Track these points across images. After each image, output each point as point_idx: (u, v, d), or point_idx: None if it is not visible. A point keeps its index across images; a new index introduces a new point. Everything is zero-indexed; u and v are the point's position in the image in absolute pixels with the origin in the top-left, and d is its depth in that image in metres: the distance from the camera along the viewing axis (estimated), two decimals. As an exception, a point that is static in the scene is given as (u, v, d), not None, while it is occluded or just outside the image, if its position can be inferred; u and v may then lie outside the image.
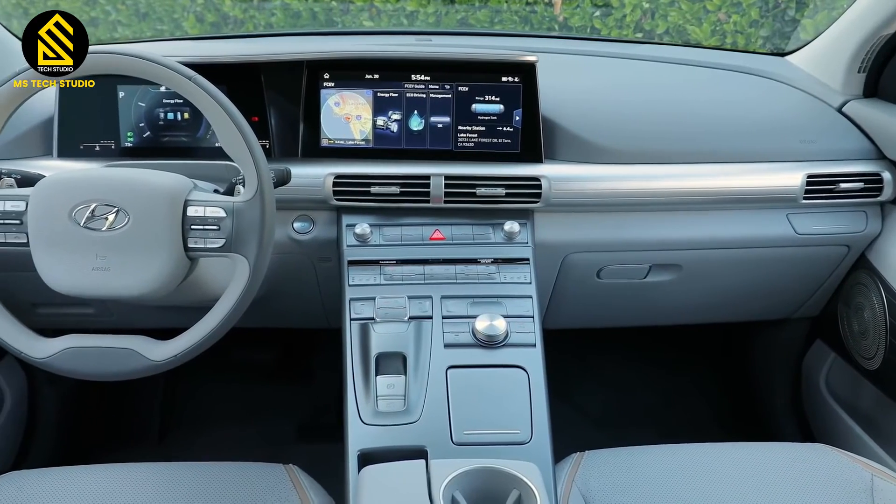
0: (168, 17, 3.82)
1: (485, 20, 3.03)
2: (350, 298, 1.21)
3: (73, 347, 1.00)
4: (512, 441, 1.04)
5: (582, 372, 2.08)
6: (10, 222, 0.98)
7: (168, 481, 1.04)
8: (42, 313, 1.46)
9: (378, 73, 1.31)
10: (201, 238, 0.98)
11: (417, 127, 1.32)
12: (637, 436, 1.74)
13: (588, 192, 1.32)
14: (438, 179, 1.27)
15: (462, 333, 1.16)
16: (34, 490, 1.01)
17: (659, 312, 1.62)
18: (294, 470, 1.09)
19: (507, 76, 1.31)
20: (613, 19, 2.91)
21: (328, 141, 1.32)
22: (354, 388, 1.10)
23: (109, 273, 0.98)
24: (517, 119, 1.31)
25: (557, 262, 1.39)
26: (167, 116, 1.32)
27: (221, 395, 2.04)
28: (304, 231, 1.32)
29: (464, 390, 1.09)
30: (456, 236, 1.30)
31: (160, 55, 0.97)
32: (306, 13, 3.41)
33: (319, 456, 1.36)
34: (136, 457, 1.13)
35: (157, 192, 0.98)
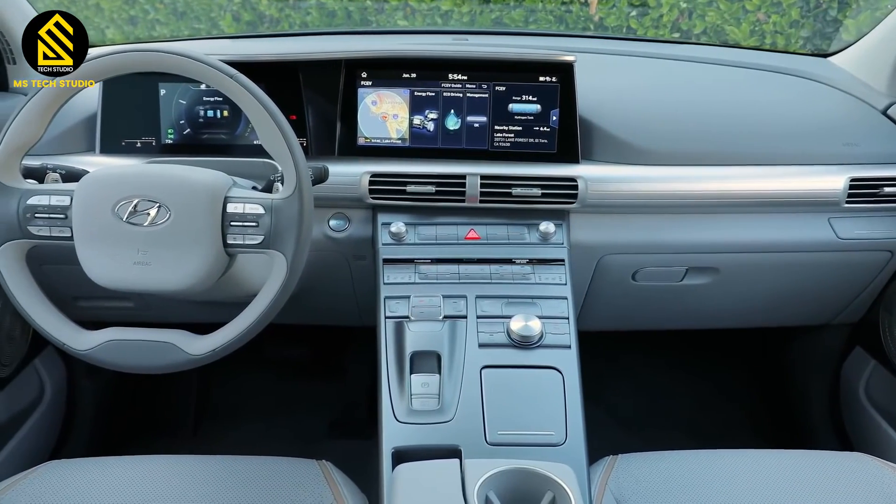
0: (205, 15, 3.87)
1: (519, 20, 3.02)
2: (385, 297, 1.21)
3: (114, 340, 1.01)
4: (546, 442, 1.03)
5: (614, 374, 2.06)
6: (56, 216, 1.00)
7: (202, 474, 1.05)
8: (83, 306, 1.49)
9: (415, 73, 1.31)
10: (240, 234, 0.99)
11: (454, 126, 1.32)
12: (669, 440, 1.72)
13: (625, 194, 1.30)
14: (474, 179, 1.27)
15: (497, 333, 1.15)
16: (73, 479, 1.03)
17: (695, 316, 1.60)
18: (327, 466, 1.09)
19: (544, 76, 1.30)
20: (650, 19, 2.88)
21: (365, 139, 1.33)
22: (389, 385, 1.10)
23: (150, 268, 0.99)
24: (554, 119, 1.31)
25: (592, 264, 1.38)
26: (207, 114, 1.34)
27: (254, 390, 2.06)
28: (340, 229, 1.33)
29: (498, 390, 1.08)
30: (491, 236, 1.29)
31: (202, 54, 0.99)
32: (341, 12, 3.43)
33: (350, 452, 1.37)
34: (170, 449, 1.14)
35: (197, 189, 0.99)
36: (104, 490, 1.01)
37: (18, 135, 1.00)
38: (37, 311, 1.02)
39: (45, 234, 1.00)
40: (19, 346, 1.44)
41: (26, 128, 1.00)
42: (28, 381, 1.57)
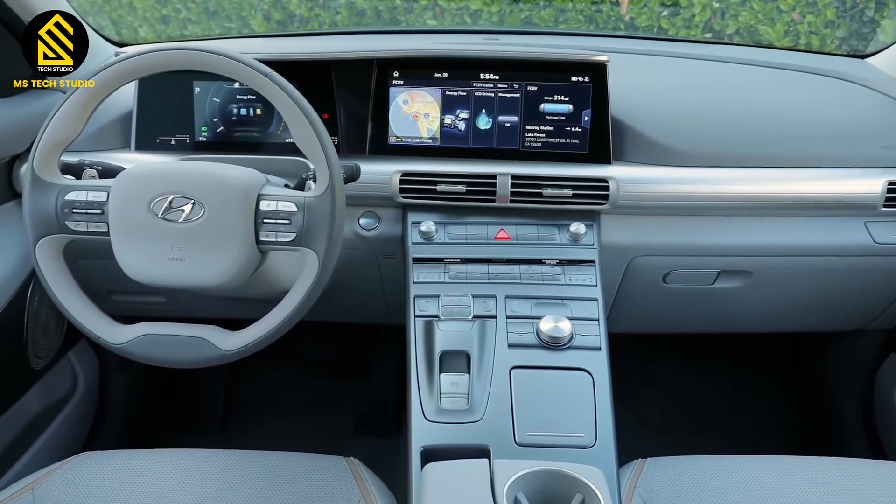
0: (236, 14, 3.91)
1: (549, 19, 3.00)
2: (415, 295, 1.21)
3: (148, 335, 1.03)
4: (575, 444, 1.03)
5: (642, 377, 2.05)
6: (93, 212, 1.01)
7: (232, 468, 1.06)
8: (116, 300, 1.51)
9: (447, 72, 1.31)
10: (273, 231, 1.00)
11: (485, 126, 1.32)
12: (697, 445, 1.70)
13: (657, 195, 1.29)
14: (505, 179, 1.27)
15: (526, 334, 1.15)
16: (106, 470, 1.05)
17: (726, 320, 1.58)
18: (355, 463, 1.10)
19: (577, 76, 1.29)
20: (681, 19, 2.85)
21: (396, 138, 1.33)
22: (418, 384, 1.10)
23: (184, 263, 1.00)
24: (586, 119, 1.30)
25: (623, 266, 1.37)
26: (240, 112, 1.35)
27: (281, 387, 2.07)
28: (370, 227, 1.33)
29: (527, 391, 1.08)
30: (521, 236, 1.29)
31: (238, 52, 0.99)
32: (371, 11, 3.44)
33: (376, 450, 1.38)
34: (199, 443, 1.16)
35: (231, 186, 1.00)
36: (137, 482, 1.02)
37: (57, 131, 1.01)
38: (73, 305, 1.03)
39: (82, 230, 1.02)
40: (54, 338, 1.47)
41: (65, 125, 1.01)
42: (62, 374, 1.60)
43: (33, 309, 1.35)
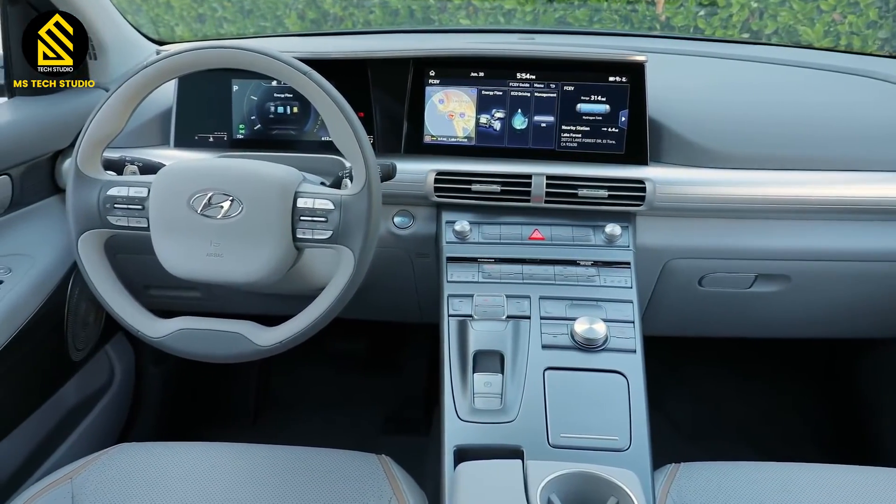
0: (271, 14, 3.94)
1: (584, 19, 2.99)
2: (448, 295, 1.21)
3: (185, 329, 1.04)
4: (610, 447, 1.02)
5: (674, 381, 2.03)
6: (133, 207, 1.03)
7: (265, 462, 1.07)
8: (153, 295, 1.53)
9: (483, 71, 1.31)
10: (309, 229, 1.01)
11: (521, 126, 1.31)
12: (730, 451, 1.68)
13: (694, 197, 1.28)
14: (540, 179, 1.26)
15: (560, 335, 1.14)
16: (143, 462, 1.06)
17: (763, 324, 1.56)
18: (387, 461, 1.10)
19: (614, 76, 1.28)
20: (719, 19, 2.82)
21: (431, 138, 1.33)
22: (452, 383, 1.10)
23: (222, 259, 1.01)
24: (623, 120, 1.29)
25: (658, 268, 1.36)
26: (277, 110, 1.37)
27: (312, 383, 2.09)
28: (404, 226, 1.34)
29: (561, 393, 1.07)
30: (555, 237, 1.28)
31: (277, 51, 1.00)
32: (404, 11, 3.45)
33: (405, 448, 1.38)
34: (231, 436, 1.16)
35: (269, 184, 1.01)
36: (172, 474, 1.04)
37: (101, 128, 1.03)
38: (114, 298, 1.05)
39: (122, 224, 1.03)
40: (93, 331, 1.50)
41: (108, 121, 1.03)
42: (99, 366, 1.63)
43: (73, 302, 1.38)
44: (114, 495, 1.00)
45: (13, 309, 1.21)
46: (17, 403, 1.31)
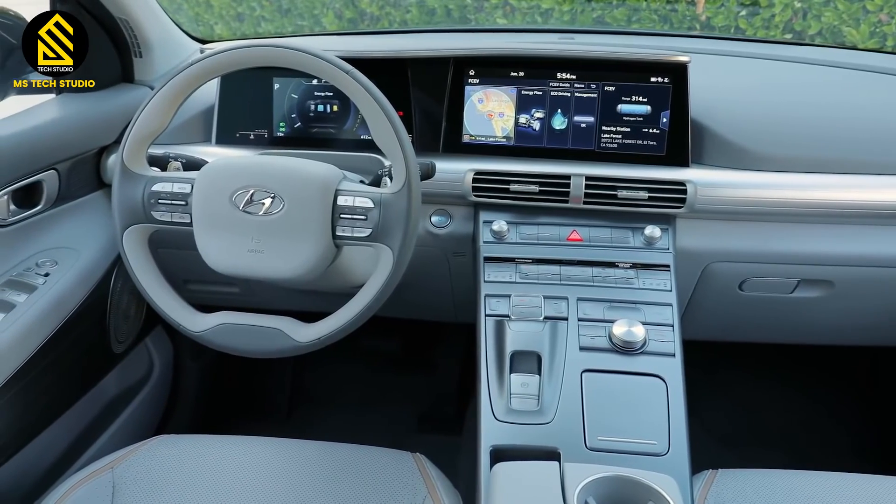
0: (309, 13, 3.97)
1: (622, 18, 2.96)
2: (485, 294, 1.21)
3: (226, 324, 1.05)
4: (648, 452, 1.01)
5: (710, 386, 2.00)
6: (177, 203, 1.04)
7: (302, 457, 1.08)
8: (191, 289, 1.56)
9: (523, 71, 1.30)
10: (349, 227, 1.01)
11: (560, 126, 1.30)
12: (767, 459, 1.65)
13: (736, 200, 1.26)
14: (579, 180, 1.26)
15: (598, 337, 1.13)
16: (182, 454, 1.08)
17: (805, 331, 1.53)
18: (422, 459, 1.10)
19: (656, 76, 1.27)
20: (760, 19, 2.77)
21: (469, 137, 1.33)
22: (488, 383, 1.10)
23: (263, 255, 1.02)
24: (664, 121, 1.27)
25: (698, 271, 1.34)
26: (317, 108, 1.38)
27: (346, 379, 2.10)
28: (442, 225, 1.34)
29: (599, 395, 1.07)
30: (594, 238, 1.27)
31: (320, 50, 1.01)
32: (441, 10, 3.45)
33: (437, 446, 1.38)
34: (265, 431, 1.18)
35: (310, 181, 1.02)
36: (211, 466, 1.05)
37: (146, 125, 1.04)
38: (157, 292, 1.07)
39: (166, 220, 1.05)
40: (133, 324, 1.53)
41: (154, 118, 1.04)
42: (139, 359, 1.66)
43: (116, 295, 1.41)
44: (153, 485, 1.02)
45: (59, 301, 1.24)
46: (60, 393, 1.34)
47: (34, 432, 1.27)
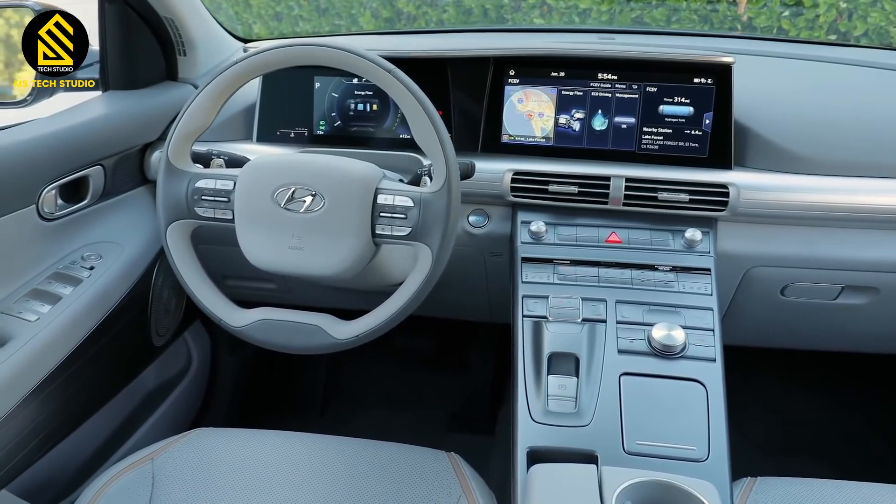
0: (346, 12, 4.00)
1: (661, 19, 2.93)
2: (523, 295, 1.21)
3: (266, 320, 1.06)
4: (687, 457, 0.99)
5: (746, 392, 1.96)
6: (219, 199, 1.06)
7: (337, 453, 1.09)
8: (230, 285, 1.58)
9: (564, 71, 1.30)
10: (388, 225, 1.02)
11: (600, 127, 1.29)
12: (805, 468, 1.62)
13: (781, 204, 1.23)
14: (619, 181, 1.24)
15: (637, 340, 1.12)
16: (219, 446, 1.10)
17: (847, 338, 1.49)
18: (456, 458, 1.10)
19: (699, 77, 1.25)
20: (804, 20, 2.72)
21: (509, 137, 1.33)
22: (525, 384, 1.10)
23: (303, 252, 1.03)
24: (707, 122, 1.26)
25: (738, 275, 1.32)
26: (357, 107, 1.38)
27: (379, 377, 2.11)
28: (479, 225, 1.34)
29: (637, 399, 1.05)
30: (633, 240, 1.26)
31: (363, 49, 1.01)
32: (478, 10, 3.45)
33: (470, 446, 1.38)
34: (298, 427, 1.19)
35: (351, 180, 1.02)
36: (248, 459, 1.07)
37: (191, 122, 1.06)
38: (199, 287, 1.08)
39: (209, 216, 1.07)
40: (173, 318, 1.55)
41: (198, 116, 1.06)
42: (178, 352, 1.69)
43: (157, 289, 1.43)
44: (192, 477, 1.03)
45: (103, 294, 1.27)
46: (102, 385, 1.36)
47: (77, 422, 1.30)
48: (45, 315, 1.16)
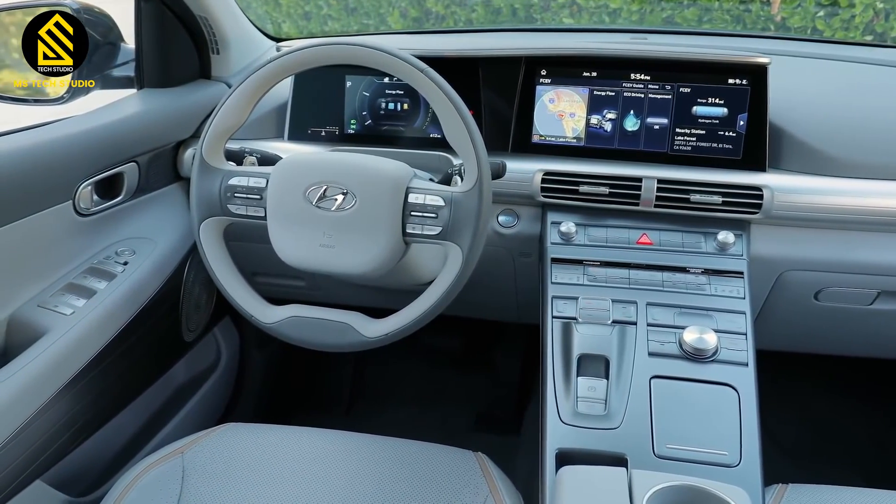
0: (374, 12, 4.01)
1: (692, 19, 2.90)
2: (552, 296, 1.20)
3: (296, 317, 1.07)
4: (718, 462, 0.98)
5: (776, 397, 1.93)
6: (252, 197, 1.06)
7: (365, 450, 1.09)
8: (259, 282, 1.59)
9: (596, 71, 1.29)
10: (419, 224, 1.01)
11: (632, 127, 1.28)
12: (836, 475, 1.59)
13: (816, 207, 1.21)
14: (651, 182, 1.23)
15: (668, 343, 1.11)
16: (248, 441, 1.10)
17: (881, 344, 1.46)
18: (483, 458, 1.10)
19: (734, 78, 1.24)
20: (839, 20, 2.67)
21: (539, 137, 1.32)
22: (554, 385, 1.09)
23: (334, 250, 1.03)
24: (741, 124, 1.24)
25: (772, 279, 1.30)
26: (388, 106, 1.39)
27: (405, 376, 2.12)
28: (509, 225, 1.33)
29: (668, 402, 1.05)
30: (664, 242, 1.25)
31: (395, 48, 1.02)
32: (507, 9, 3.44)
33: (495, 446, 1.37)
34: (325, 423, 1.19)
35: (382, 178, 1.02)
36: (277, 455, 1.07)
37: (225, 120, 1.07)
38: (231, 284, 1.09)
39: (241, 213, 1.07)
40: (204, 314, 1.57)
41: (232, 114, 1.07)
42: (207, 348, 1.71)
43: (189, 285, 1.45)
44: (221, 471, 1.04)
45: (136, 289, 1.28)
46: (134, 378, 1.38)
47: (109, 415, 1.32)
48: (81, 309, 1.18)
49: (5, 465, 1.04)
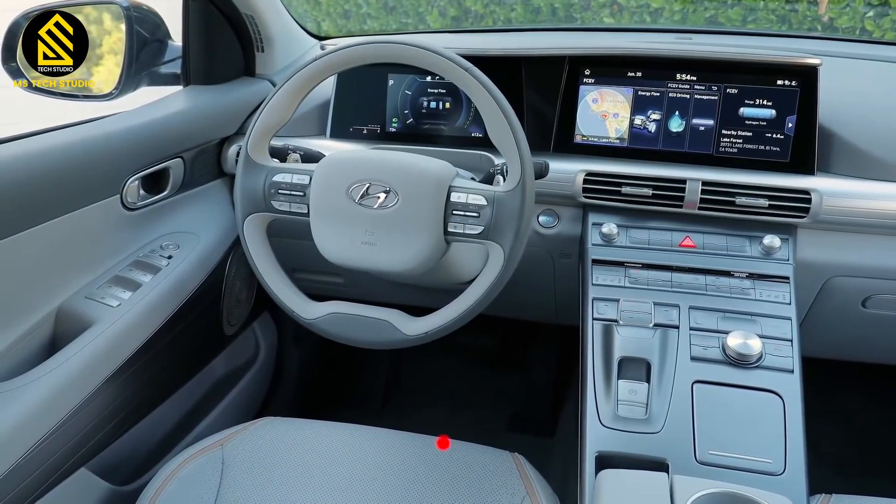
0: (413, 10, 4.01)
1: (736, 18, 2.85)
2: (593, 298, 1.19)
3: (337, 313, 1.07)
4: (762, 470, 0.96)
5: (819, 405, 1.89)
6: (296, 193, 1.07)
7: (402, 447, 1.09)
8: (298, 278, 1.60)
9: (641, 71, 1.27)
10: (461, 223, 1.01)
11: (677, 128, 1.27)
12: (881, 488, 1.55)
13: (865, 212, 1.18)
14: (695, 184, 1.22)
15: (711, 348, 1.09)
16: (286, 435, 1.12)
17: None
18: (520, 459, 1.09)
19: (783, 79, 1.21)
20: (890, 20, 2.61)
21: (582, 137, 1.31)
22: (595, 388, 1.08)
23: (375, 248, 1.04)
24: (790, 126, 1.22)
25: (818, 285, 1.27)
26: (430, 105, 1.39)
27: (440, 374, 2.12)
28: (549, 225, 1.33)
29: (711, 408, 1.03)
30: (708, 245, 1.23)
31: (441, 47, 1.01)
32: (546, 9, 3.42)
33: (529, 447, 1.37)
34: (359, 420, 1.20)
35: (425, 177, 1.02)
36: (315, 450, 1.08)
37: (270, 117, 1.08)
38: (273, 279, 1.11)
39: (285, 210, 1.08)
40: (244, 308, 1.59)
41: (277, 111, 1.08)
42: (247, 342, 1.73)
43: (230, 279, 1.47)
44: (260, 464, 1.06)
45: (181, 283, 1.30)
46: (176, 371, 1.41)
47: (152, 406, 1.34)
48: (126, 301, 1.21)
49: (54, 451, 1.07)
